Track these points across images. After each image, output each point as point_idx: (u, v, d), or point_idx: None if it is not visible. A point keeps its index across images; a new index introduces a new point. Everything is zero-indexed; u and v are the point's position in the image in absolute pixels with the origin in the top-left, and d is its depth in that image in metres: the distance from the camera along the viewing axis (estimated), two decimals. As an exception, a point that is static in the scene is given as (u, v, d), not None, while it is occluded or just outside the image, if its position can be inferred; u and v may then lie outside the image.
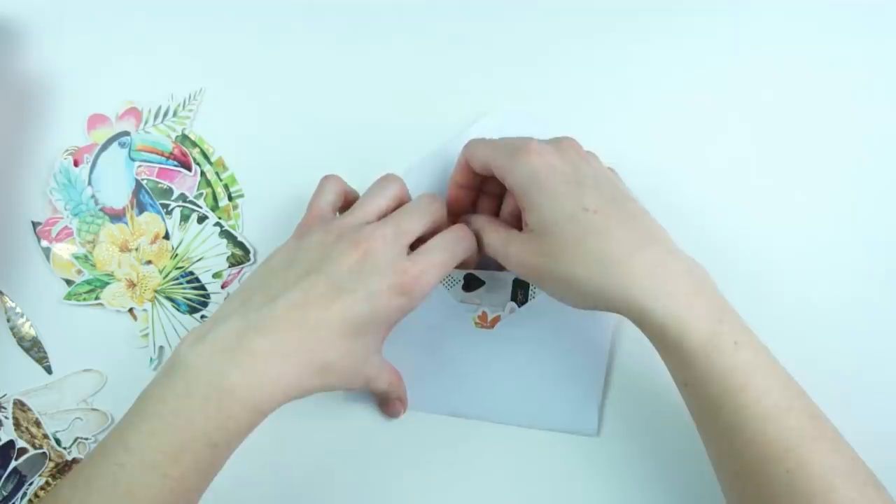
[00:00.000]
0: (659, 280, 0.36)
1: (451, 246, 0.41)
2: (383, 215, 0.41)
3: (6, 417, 0.47)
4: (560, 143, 0.41)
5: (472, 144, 0.43)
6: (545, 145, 0.40)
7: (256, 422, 0.37)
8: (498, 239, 0.41)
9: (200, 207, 0.50)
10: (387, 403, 0.45)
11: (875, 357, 0.46)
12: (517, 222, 0.42)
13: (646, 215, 0.40)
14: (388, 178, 0.43)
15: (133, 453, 0.35)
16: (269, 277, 0.39)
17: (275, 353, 0.36)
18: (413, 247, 0.41)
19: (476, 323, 0.46)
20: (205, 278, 0.49)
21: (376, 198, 0.42)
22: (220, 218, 0.50)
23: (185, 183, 0.50)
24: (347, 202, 0.44)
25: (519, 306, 0.46)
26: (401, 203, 0.43)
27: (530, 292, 0.46)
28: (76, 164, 0.50)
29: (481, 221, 0.43)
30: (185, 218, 0.50)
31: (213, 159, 0.51)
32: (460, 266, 0.42)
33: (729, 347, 0.35)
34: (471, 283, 0.47)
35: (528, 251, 0.39)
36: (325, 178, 0.44)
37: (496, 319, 0.46)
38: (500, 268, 0.43)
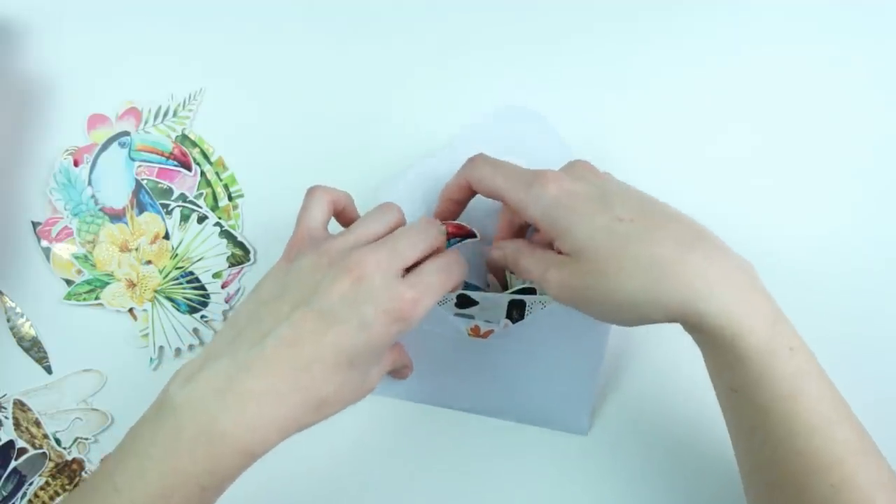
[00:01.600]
0: (714, 280, 0.34)
1: (447, 269, 0.39)
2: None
3: (6, 417, 0.47)
4: (574, 168, 0.39)
5: (478, 168, 0.41)
6: (560, 173, 0.39)
7: (248, 464, 0.36)
8: (535, 263, 0.39)
9: (200, 207, 0.50)
10: (394, 373, 0.45)
11: (874, 357, 0.46)
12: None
13: (683, 215, 0.38)
14: (386, 206, 0.41)
15: (121, 493, 0.34)
16: (259, 310, 0.38)
17: (267, 394, 0.35)
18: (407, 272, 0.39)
19: (469, 334, 0.45)
20: (205, 278, 0.49)
21: (373, 223, 0.40)
22: (220, 218, 0.50)
23: (185, 183, 0.50)
24: (337, 210, 0.43)
25: (514, 323, 0.44)
26: None
27: (527, 310, 0.44)
28: (76, 164, 0.50)
29: (515, 245, 0.41)
30: (185, 218, 0.50)
31: (213, 159, 0.51)
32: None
33: (784, 353, 0.34)
34: (464, 303, 0.45)
35: (569, 273, 0.37)
36: (311, 191, 0.42)
37: (489, 332, 0.45)
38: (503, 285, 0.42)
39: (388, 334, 0.37)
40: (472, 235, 0.43)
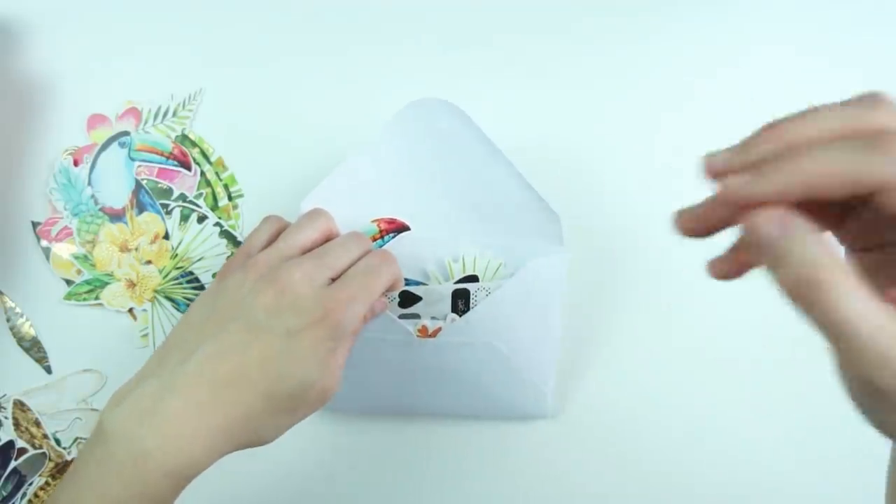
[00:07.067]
0: None
1: (375, 269, 0.38)
2: (308, 250, 0.39)
3: (6, 417, 0.47)
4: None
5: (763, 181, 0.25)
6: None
7: (180, 486, 0.35)
8: (865, 314, 0.22)
9: (200, 207, 0.50)
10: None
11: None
12: None
13: None
14: (314, 212, 0.41)
15: None
16: (188, 331, 0.37)
17: (189, 412, 0.34)
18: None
19: (418, 335, 0.44)
20: (205, 278, 0.49)
21: (301, 231, 0.40)
22: (219, 218, 0.50)
23: (185, 183, 0.50)
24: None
25: (460, 316, 0.44)
26: (328, 238, 0.41)
27: (472, 299, 0.43)
28: (76, 164, 0.50)
29: (828, 268, 0.23)
30: (184, 218, 0.50)
31: (212, 159, 0.51)
32: (388, 291, 0.40)
33: None
34: (407, 300, 0.44)
35: None
36: (265, 218, 0.42)
37: (437, 330, 0.44)
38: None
39: (316, 341, 0.36)
40: (406, 228, 0.43)
